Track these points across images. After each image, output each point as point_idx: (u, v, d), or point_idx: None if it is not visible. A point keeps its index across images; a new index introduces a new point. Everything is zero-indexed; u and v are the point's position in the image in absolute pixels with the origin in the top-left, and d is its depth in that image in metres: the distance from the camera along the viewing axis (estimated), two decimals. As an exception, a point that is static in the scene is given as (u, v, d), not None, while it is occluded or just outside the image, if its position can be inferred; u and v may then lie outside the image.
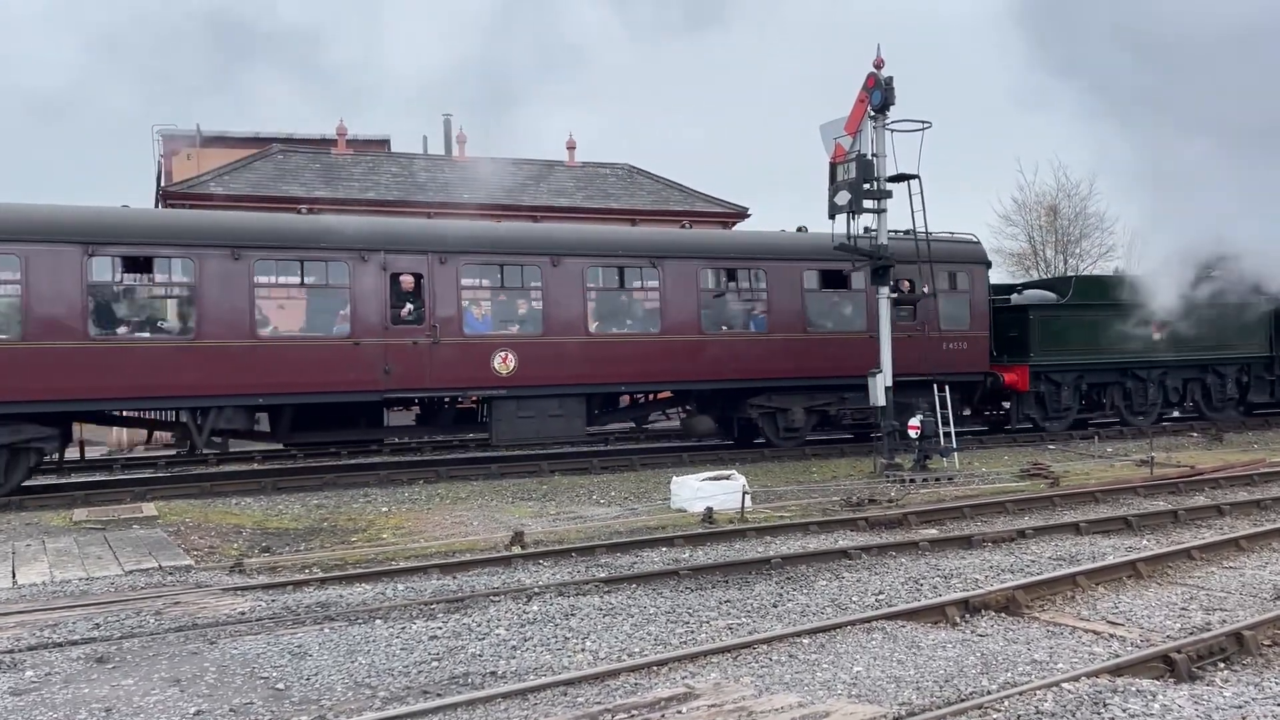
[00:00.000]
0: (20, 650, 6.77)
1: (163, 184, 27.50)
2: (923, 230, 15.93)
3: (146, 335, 14.12)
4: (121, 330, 14.04)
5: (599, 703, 5.46)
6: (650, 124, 78.96)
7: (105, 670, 6.32)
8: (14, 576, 9.07)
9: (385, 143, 31.26)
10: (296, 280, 14.77)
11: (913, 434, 15.33)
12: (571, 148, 30.43)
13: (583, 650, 6.56)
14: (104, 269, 13.78)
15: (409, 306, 15.11)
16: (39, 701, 5.74)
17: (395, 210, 23.66)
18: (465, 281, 15.56)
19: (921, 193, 15.88)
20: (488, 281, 16.10)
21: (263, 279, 14.46)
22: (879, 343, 15.83)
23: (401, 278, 15.10)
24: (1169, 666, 5.97)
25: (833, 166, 15.83)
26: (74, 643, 6.95)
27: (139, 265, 14.18)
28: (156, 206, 25.37)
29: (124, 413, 14.82)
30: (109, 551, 10.13)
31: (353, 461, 17.47)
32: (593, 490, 14.35)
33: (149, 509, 12.61)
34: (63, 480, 16.34)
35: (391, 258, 14.84)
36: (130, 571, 9.24)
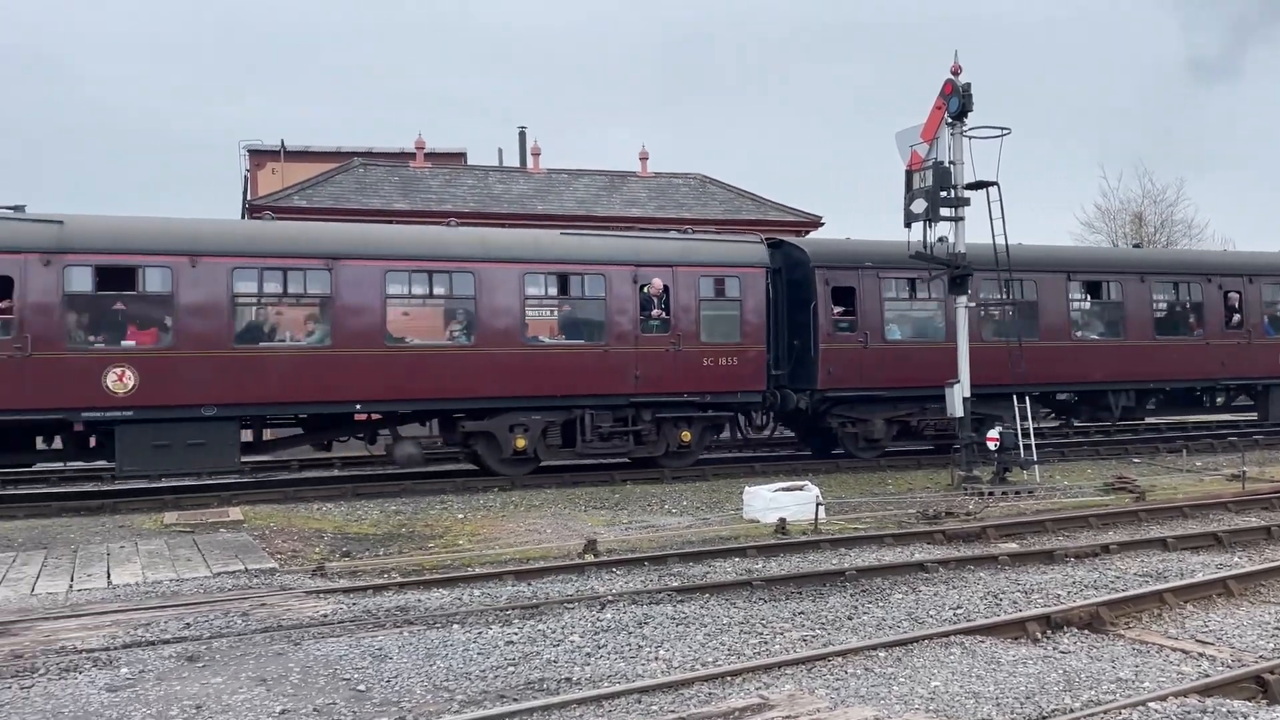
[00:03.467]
0: (115, 648, 7.04)
1: (249, 197, 28.38)
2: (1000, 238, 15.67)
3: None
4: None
5: (673, 711, 5.47)
6: (723, 133, 79.03)
7: (195, 668, 6.53)
8: (109, 577, 9.43)
9: (462, 155, 31.76)
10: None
11: (991, 446, 15.04)
12: (644, 158, 30.57)
13: (656, 659, 6.59)
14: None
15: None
16: (133, 698, 5.96)
17: (474, 220, 24.03)
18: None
19: (1000, 200, 15.64)
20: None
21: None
22: (958, 352, 15.59)
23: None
24: (1261, 688, 5.76)
25: (909, 174, 15.65)
26: (166, 641, 7.20)
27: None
28: (243, 219, 26.17)
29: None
30: (198, 554, 10.47)
31: (430, 469, 17.76)
32: (664, 499, 14.38)
33: (235, 513, 13.01)
34: (153, 484, 16.94)
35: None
36: (218, 573, 9.53)
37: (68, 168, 75.32)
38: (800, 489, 12.79)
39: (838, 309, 17.68)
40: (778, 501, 12.42)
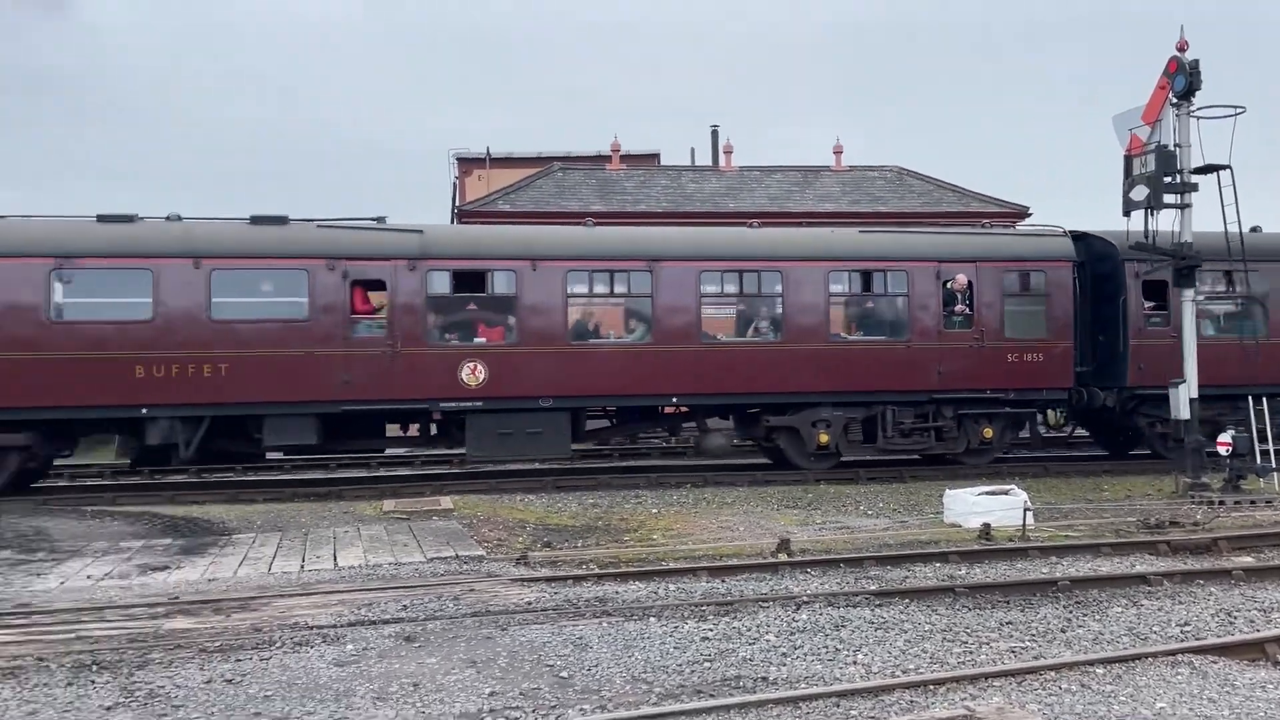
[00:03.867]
0: (341, 626, 7.57)
1: (457, 203, 29.86)
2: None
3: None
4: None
5: (873, 717, 5.36)
6: (920, 126, 76.57)
7: (412, 648, 6.94)
8: (335, 559, 10.16)
9: (655, 156, 32.23)
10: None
11: (1223, 451, 13.87)
12: (838, 152, 30.05)
13: (854, 663, 6.47)
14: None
15: None
16: (357, 674, 6.39)
17: (663, 220, 24.36)
18: None
19: (1234, 185, 14.37)
20: None
21: None
22: (1183, 349, 14.47)
23: None
24: None
25: (1128, 159, 14.65)
26: (386, 621, 7.67)
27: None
28: (451, 223, 27.54)
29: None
30: (413, 540, 11.11)
31: (625, 464, 18.15)
32: (860, 500, 14.09)
33: (446, 502, 13.71)
34: (373, 474, 18.14)
35: None
36: (431, 559, 10.08)
37: (304, 179, 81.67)
38: (1006, 493, 12.22)
39: (1148, 303, 17.16)
40: (981, 505, 11.92)
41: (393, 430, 16.59)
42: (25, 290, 14.07)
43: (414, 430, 16.08)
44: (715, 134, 32.29)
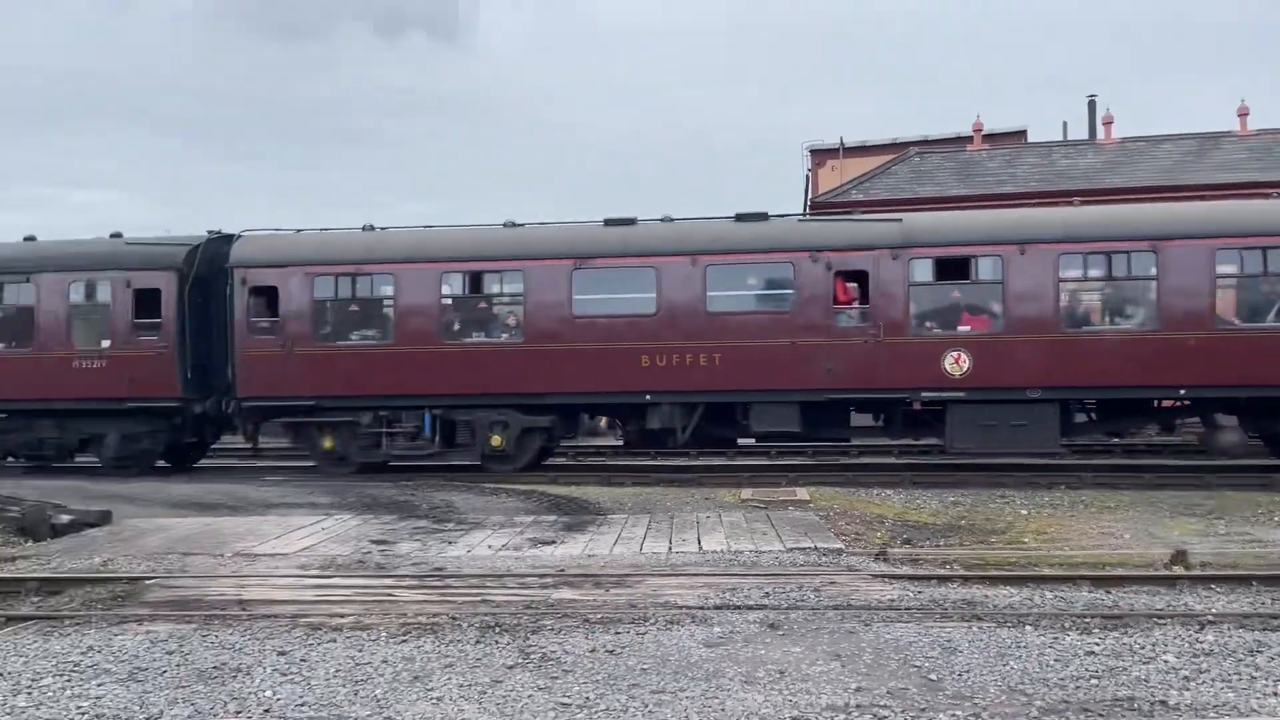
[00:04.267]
0: (708, 608, 7.86)
1: (810, 195, 29.90)
2: None
3: None
4: None
5: (1303, 761, 4.69)
6: (1349, 73, 65.44)
7: (776, 636, 7.06)
8: (699, 543, 10.57)
9: (1022, 133, 30.27)
10: None
11: None
12: (1243, 114, 26.46)
13: (1275, 694, 5.68)
14: None
15: None
16: (726, 656, 6.62)
17: (1029, 201, 22.77)
18: None
19: None
20: None
21: None
22: None
23: None
24: None
25: None
26: (749, 607, 7.87)
27: None
28: (804, 215, 27.66)
29: None
30: (771, 529, 11.29)
31: (991, 461, 17.22)
32: (1274, 510, 12.33)
33: (802, 493, 13.79)
34: (731, 461, 18.67)
35: None
36: (790, 549, 10.17)
37: (664, 180, 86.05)
38: None
39: None
40: None
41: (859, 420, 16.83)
42: (553, 289, 16.08)
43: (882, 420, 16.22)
44: (1092, 104, 29.80)
